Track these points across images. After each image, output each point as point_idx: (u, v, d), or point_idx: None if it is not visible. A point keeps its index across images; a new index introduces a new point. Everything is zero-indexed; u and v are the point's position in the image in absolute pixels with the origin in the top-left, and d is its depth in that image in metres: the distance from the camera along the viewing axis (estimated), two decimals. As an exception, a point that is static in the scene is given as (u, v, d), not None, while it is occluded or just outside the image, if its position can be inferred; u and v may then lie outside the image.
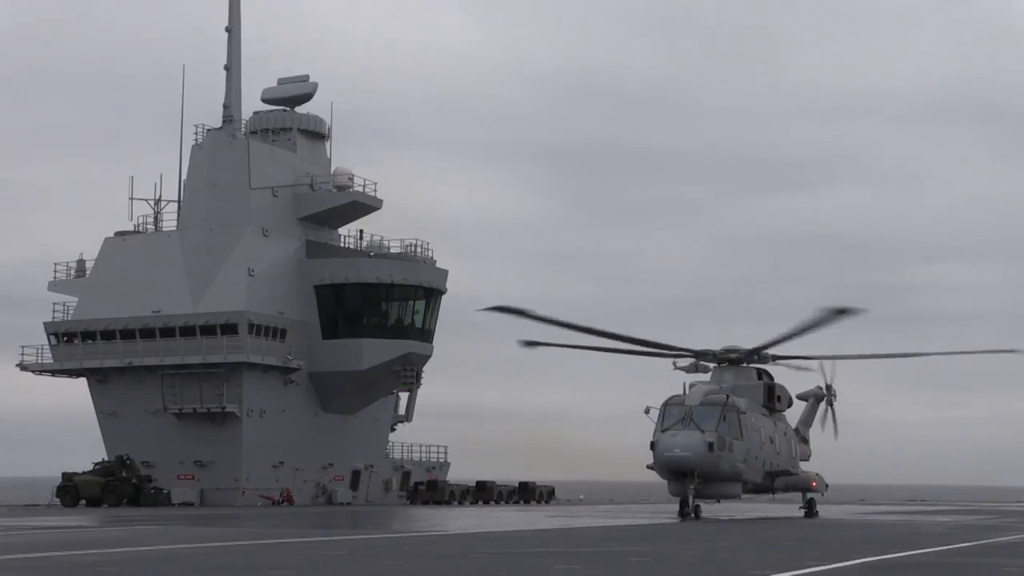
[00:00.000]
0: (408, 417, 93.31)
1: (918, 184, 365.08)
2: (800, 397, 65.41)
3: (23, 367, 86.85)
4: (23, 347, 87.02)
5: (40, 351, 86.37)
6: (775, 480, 58.99)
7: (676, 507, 55.68)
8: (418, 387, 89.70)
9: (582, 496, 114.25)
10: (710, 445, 52.53)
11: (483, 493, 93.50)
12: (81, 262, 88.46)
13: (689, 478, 52.90)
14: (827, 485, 63.67)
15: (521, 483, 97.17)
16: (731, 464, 53.97)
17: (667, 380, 58.56)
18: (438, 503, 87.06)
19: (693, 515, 53.74)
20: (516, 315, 51.49)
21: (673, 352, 57.98)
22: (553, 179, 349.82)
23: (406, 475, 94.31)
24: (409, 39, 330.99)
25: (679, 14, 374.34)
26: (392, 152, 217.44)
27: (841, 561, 27.05)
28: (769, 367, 60.20)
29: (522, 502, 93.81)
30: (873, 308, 60.31)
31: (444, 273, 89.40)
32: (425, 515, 61.28)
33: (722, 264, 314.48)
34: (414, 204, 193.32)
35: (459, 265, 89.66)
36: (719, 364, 58.57)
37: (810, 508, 61.43)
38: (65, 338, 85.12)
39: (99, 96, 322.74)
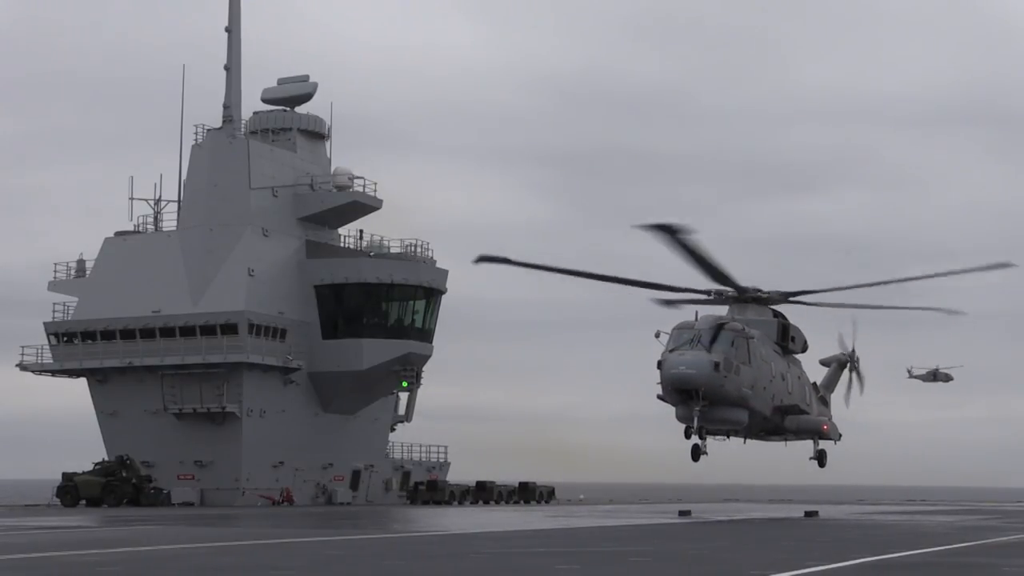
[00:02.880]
0: (408, 417, 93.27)
1: (919, 187, 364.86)
2: (823, 363, 65.15)
3: (23, 367, 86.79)
4: (23, 347, 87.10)
5: (40, 351, 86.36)
6: (785, 418, 57.94)
7: (677, 508, 55.46)
8: (418, 387, 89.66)
9: (582, 496, 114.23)
10: (716, 365, 52.00)
11: (483, 493, 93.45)
12: (81, 262, 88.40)
13: (694, 399, 52.41)
14: (840, 435, 62.94)
15: (521, 483, 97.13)
16: (737, 388, 53.21)
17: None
18: (438, 503, 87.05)
19: (698, 437, 53.38)
20: (666, 232, 50.31)
21: (692, 291, 56.89)
22: (555, 182, 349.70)
23: (406, 475, 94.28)
24: (410, 43, 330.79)
25: (682, 18, 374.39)
26: (393, 156, 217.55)
27: (841, 561, 27.07)
28: (785, 308, 59.41)
29: (522, 502, 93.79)
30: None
31: (444, 273, 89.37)
32: (425, 515, 61.29)
33: (727, 267, 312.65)
34: (416, 207, 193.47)
35: (461, 268, 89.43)
36: (735, 302, 57.94)
37: (821, 458, 60.86)
38: (65, 338, 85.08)
39: (99, 97, 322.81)
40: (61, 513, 63.24)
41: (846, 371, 65.52)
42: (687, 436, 53.80)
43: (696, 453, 54.28)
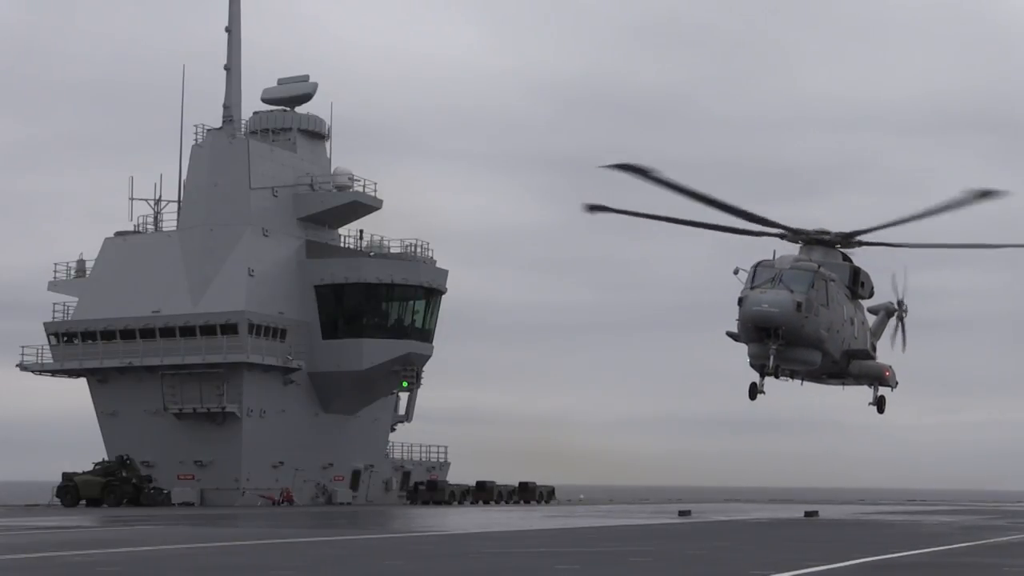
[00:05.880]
0: (408, 417, 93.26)
1: (921, 192, 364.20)
2: (871, 311, 64.99)
3: (23, 367, 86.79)
4: (23, 347, 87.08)
5: (40, 351, 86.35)
6: (851, 363, 57.63)
7: (677, 508, 55.14)
8: (418, 387, 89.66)
9: (582, 496, 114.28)
10: (798, 305, 51.96)
11: (483, 493, 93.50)
12: (81, 262, 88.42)
13: (772, 338, 52.41)
14: (897, 383, 62.78)
15: (521, 483, 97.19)
16: (815, 329, 52.99)
17: (673, 387, 57.59)
18: (438, 503, 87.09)
19: (773, 376, 53.24)
20: None
21: (761, 223, 56.29)
22: (559, 187, 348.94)
23: (406, 475, 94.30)
24: (412, 45, 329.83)
25: (686, 24, 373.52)
26: (394, 158, 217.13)
27: (841, 561, 27.08)
28: (855, 253, 59.17)
29: (522, 502, 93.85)
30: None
31: (444, 273, 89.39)
32: (425, 515, 61.31)
33: (730, 271, 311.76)
34: (418, 211, 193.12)
35: (464, 271, 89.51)
36: (807, 243, 57.69)
37: (880, 404, 60.62)
38: (65, 338, 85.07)
39: (100, 98, 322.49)
40: (61, 513, 63.25)
41: (893, 320, 64.88)
42: (761, 374, 53.61)
43: (754, 391, 54.17)
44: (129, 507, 73.10)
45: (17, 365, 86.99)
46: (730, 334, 54.08)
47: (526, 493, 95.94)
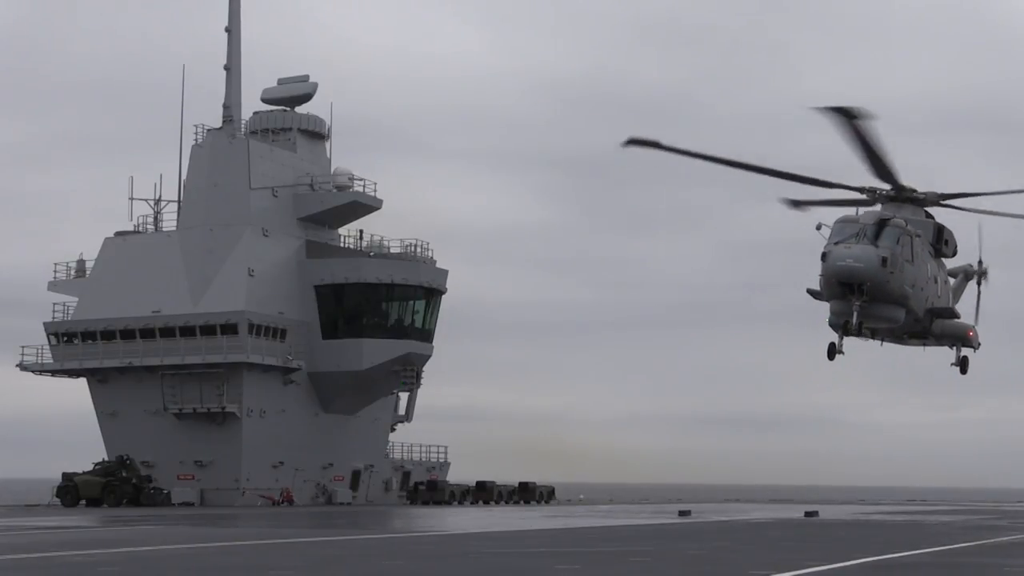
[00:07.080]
0: (408, 417, 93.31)
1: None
2: (950, 273, 64.28)
3: (23, 367, 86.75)
4: (23, 347, 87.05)
5: (40, 351, 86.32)
6: (934, 321, 56.62)
7: (677, 508, 55.02)
8: (418, 387, 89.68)
9: (582, 496, 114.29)
10: (883, 260, 51.07)
11: (483, 493, 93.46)
12: (81, 262, 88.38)
13: (855, 294, 52.02)
14: (979, 343, 62.09)
15: (521, 483, 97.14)
16: (900, 285, 52.03)
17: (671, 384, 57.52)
18: (438, 503, 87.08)
19: (856, 334, 52.80)
20: (846, 116, 47.99)
21: (842, 187, 55.61)
22: (561, 186, 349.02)
23: (406, 475, 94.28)
24: (413, 46, 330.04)
25: (687, 24, 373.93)
26: (395, 158, 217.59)
27: (841, 561, 27.09)
28: (935, 209, 58.57)
29: (522, 502, 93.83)
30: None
31: (444, 273, 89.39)
32: (425, 515, 61.34)
33: (730, 269, 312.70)
34: (418, 211, 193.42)
35: (464, 271, 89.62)
36: (889, 201, 57.08)
37: (963, 365, 59.95)
38: (65, 338, 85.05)
39: (100, 98, 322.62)
40: (61, 513, 63.29)
41: (972, 283, 63.73)
42: (843, 333, 52.92)
43: (832, 352, 53.55)
44: (129, 507, 73.12)
45: (17, 365, 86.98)
46: (811, 291, 53.26)
47: (526, 493, 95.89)
